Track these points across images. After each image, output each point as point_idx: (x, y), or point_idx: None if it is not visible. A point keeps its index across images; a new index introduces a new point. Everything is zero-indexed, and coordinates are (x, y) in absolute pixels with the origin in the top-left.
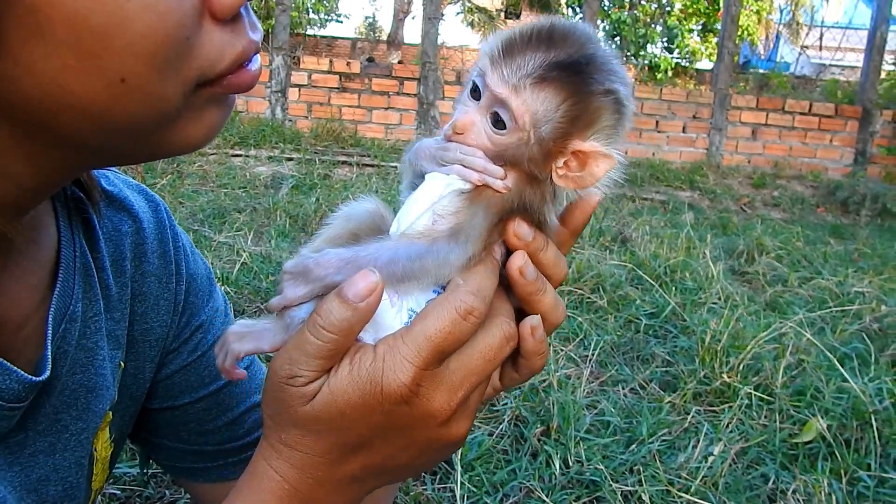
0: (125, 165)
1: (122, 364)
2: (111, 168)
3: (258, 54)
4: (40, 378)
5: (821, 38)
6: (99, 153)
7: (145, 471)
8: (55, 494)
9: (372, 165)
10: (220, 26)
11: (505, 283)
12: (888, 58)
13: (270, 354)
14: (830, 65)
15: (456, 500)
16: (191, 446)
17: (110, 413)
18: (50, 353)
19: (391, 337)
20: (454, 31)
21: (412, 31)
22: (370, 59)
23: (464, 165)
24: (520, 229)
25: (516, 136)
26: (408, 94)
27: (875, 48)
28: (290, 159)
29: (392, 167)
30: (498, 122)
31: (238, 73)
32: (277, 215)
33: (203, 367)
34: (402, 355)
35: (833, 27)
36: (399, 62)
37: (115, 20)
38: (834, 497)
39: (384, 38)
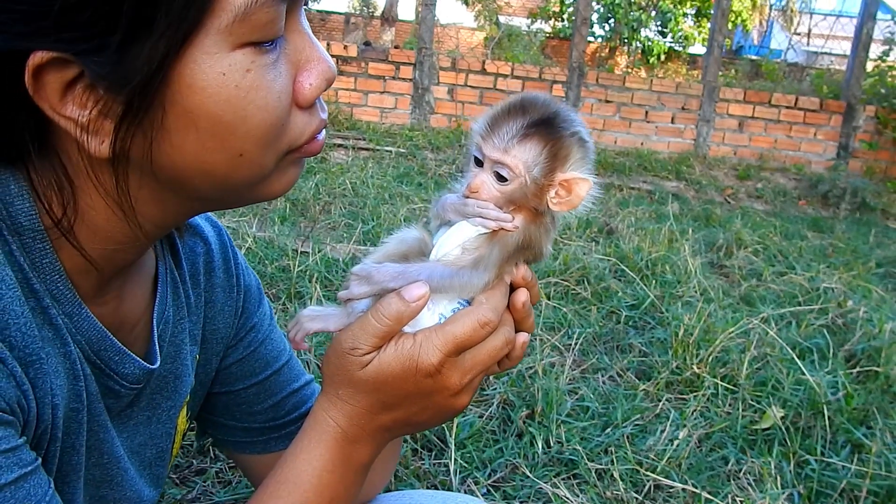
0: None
1: (198, 357)
2: None
3: (325, 128)
4: (155, 366)
5: (809, 29)
6: (208, 202)
7: (201, 443)
8: (151, 456)
9: (367, 149)
10: (302, 111)
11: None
12: (876, 50)
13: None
14: (821, 53)
15: (450, 474)
16: (241, 423)
17: (189, 395)
18: (157, 348)
19: (428, 330)
20: (449, 9)
21: (406, 8)
22: (367, 43)
23: (482, 216)
24: (526, 273)
25: (517, 182)
26: (403, 78)
27: (861, 44)
28: None
29: (387, 151)
30: (500, 178)
31: (312, 143)
32: (278, 200)
33: (254, 360)
34: (434, 344)
35: (828, 15)
36: (396, 47)
37: (239, 117)
38: (780, 478)
39: (378, 14)
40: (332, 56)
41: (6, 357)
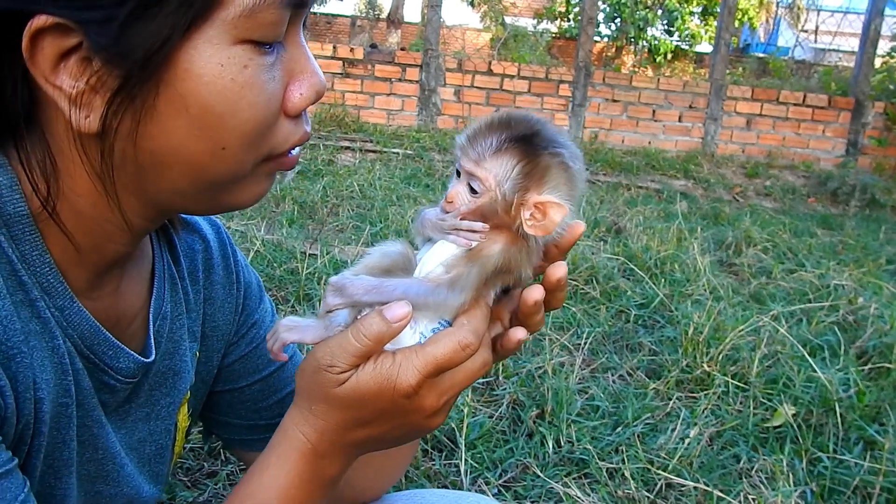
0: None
1: (198, 354)
2: None
3: (302, 144)
4: (150, 360)
5: (816, 26)
6: (183, 199)
7: (207, 444)
8: (150, 452)
9: (374, 151)
10: (289, 120)
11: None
12: (885, 46)
13: (309, 346)
14: (829, 49)
15: (460, 474)
16: (246, 421)
17: (189, 392)
18: (153, 342)
19: (409, 350)
20: (455, 10)
21: (412, 10)
22: (373, 46)
23: (458, 229)
24: (561, 275)
25: (487, 196)
26: (410, 80)
27: (869, 40)
28: None
29: (394, 153)
30: (472, 190)
31: (288, 158)
32: (286, 203)
33: (257, 356)
34: (414, 365)
35: (836, 11)
36: (402, 49)
37: (229, 110)
38: (792, 476)
39: (384, 16)
40: (339, 59)
41: None
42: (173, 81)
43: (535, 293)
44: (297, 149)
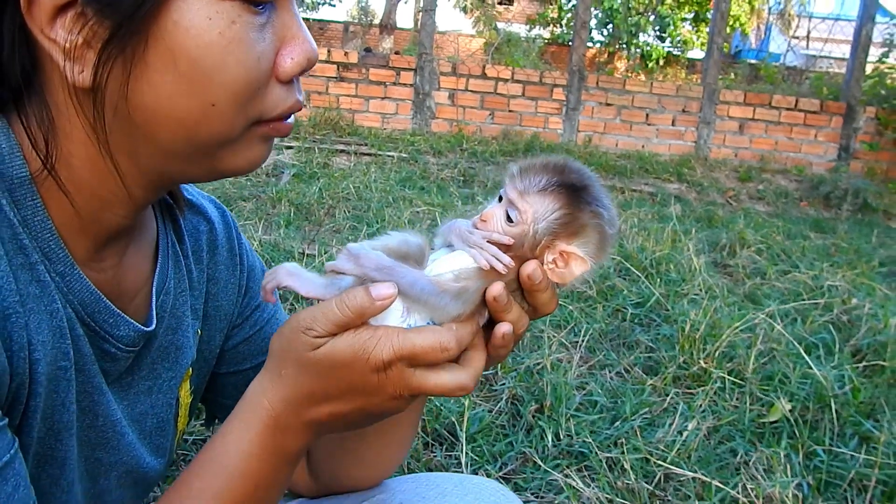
0: (188, 184)
1: (200, 332)
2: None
3: (294, 112)
4: (150, 328)
5: (808, 31)
6: (178, 162)
7: (210, 428)
8: (151, 426)
9: (369, 154)
10: (281, 85)
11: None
12: (876, 52)
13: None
14: (819, 56)
15: (461, 466)
16: None
17: (191, 369)
18: (155, 314)
19: (392, 328)
20: (448, 16)
21: (405, 16)
22: (367, 49)
23: (481, 248)
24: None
25: (520, 228)
26: (404, 84)
27: (860, 46)
28: (290, 147)
29: (389, 156)
30: (509, 219)
31: (282, 124)
32: (282, 205)
33: (261, 339)
34: (392, 342)
35: (827, 18)
36: (396, 52)
37: (217, 65)
38: (789, 468)
39: (377, 22)
40: (333, 63)
41: None
42: (162, 34)
43: (529, 267)
44: (292, 117)
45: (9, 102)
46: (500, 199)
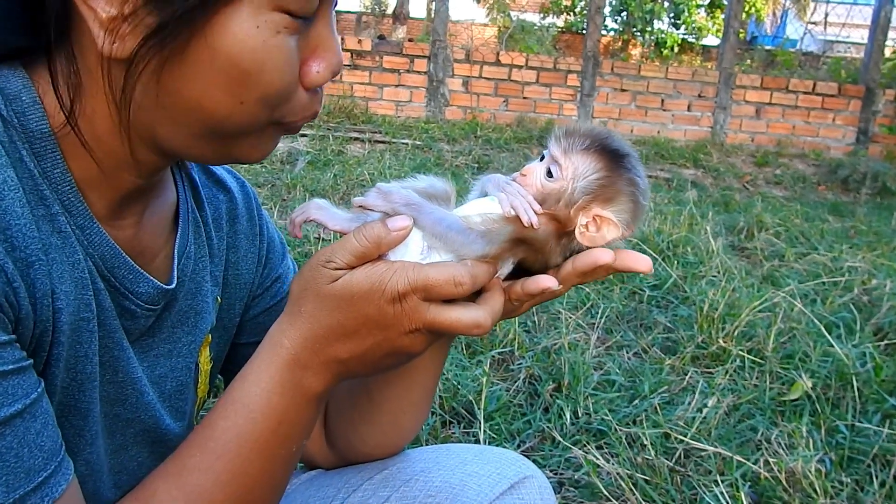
0: (198, 163)
1: (219, 299)
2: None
3: (313, 119)
4: (171, 286)
5: (826, 15)
6: (194, 141)
7: None
8: (171, 389)
9: (383, 142)
10: (305, 92)
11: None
12: (895, 35)
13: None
14: (836, 41)
15: (480, 443)
16: None
17: (210, 336)
18: (176, 274)
19: (408, 262)
20: (461, 5)
21: (418, 5)
22: (381, 37)
23: (513, 196)
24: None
25: (559, 184)
26: (418, 71)
27: (879, 28)
28: (304, 135)
29: (403, 144)
30: (549, 174)
31: (294, 124)
32: (297, 191)
33: (280, 309)
34: (407, 275)
35: (841, 2)
36: (409, 39)
37: (255, 70)
38: (812, 443)
39: (389, 12)
40: (347, 50)
41: None
42: (208, 34)
43: (546, 282)
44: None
45: (37, 50)
46: (542, 158)
